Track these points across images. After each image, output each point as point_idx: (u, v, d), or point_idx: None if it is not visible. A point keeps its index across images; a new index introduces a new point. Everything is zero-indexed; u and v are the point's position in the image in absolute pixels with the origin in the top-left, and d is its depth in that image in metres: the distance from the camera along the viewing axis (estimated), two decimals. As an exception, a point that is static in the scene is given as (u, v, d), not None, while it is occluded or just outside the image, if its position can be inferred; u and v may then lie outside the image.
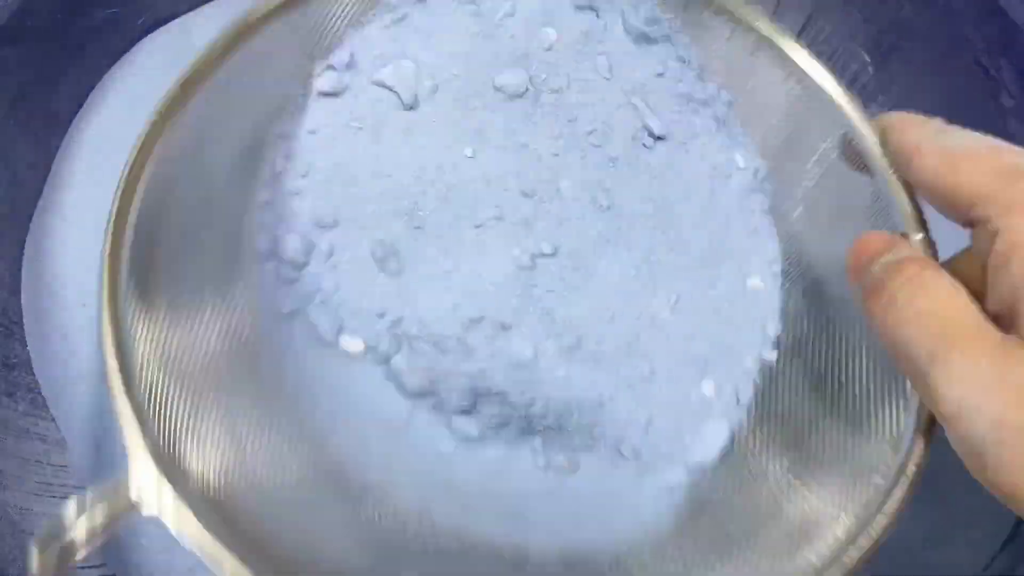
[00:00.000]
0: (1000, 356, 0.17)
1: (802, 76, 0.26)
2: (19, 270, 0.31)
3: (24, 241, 0.31)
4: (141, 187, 0.22)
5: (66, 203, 0.32)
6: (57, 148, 0.33)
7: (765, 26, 0.26)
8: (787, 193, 0.28)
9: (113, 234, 0.21)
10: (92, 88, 0.35)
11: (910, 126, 0.22)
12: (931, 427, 0.21)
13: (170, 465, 0.19)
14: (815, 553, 0.21)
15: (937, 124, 0.21)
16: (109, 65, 0.35)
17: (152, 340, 0.21)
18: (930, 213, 0.23)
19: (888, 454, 0.21)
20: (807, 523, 0.22)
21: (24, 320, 0.30)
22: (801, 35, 0.39)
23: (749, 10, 0.26)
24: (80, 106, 0.34)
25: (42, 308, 0.30)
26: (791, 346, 0.27)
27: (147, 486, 0.18)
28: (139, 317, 0.21)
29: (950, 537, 0.30)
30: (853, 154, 0.25)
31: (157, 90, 0.34)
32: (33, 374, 0.29)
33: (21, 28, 0.31)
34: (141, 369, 0.20)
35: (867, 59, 0.38)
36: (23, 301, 0.31)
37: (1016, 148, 0.20)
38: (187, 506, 0.18)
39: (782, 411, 0.26)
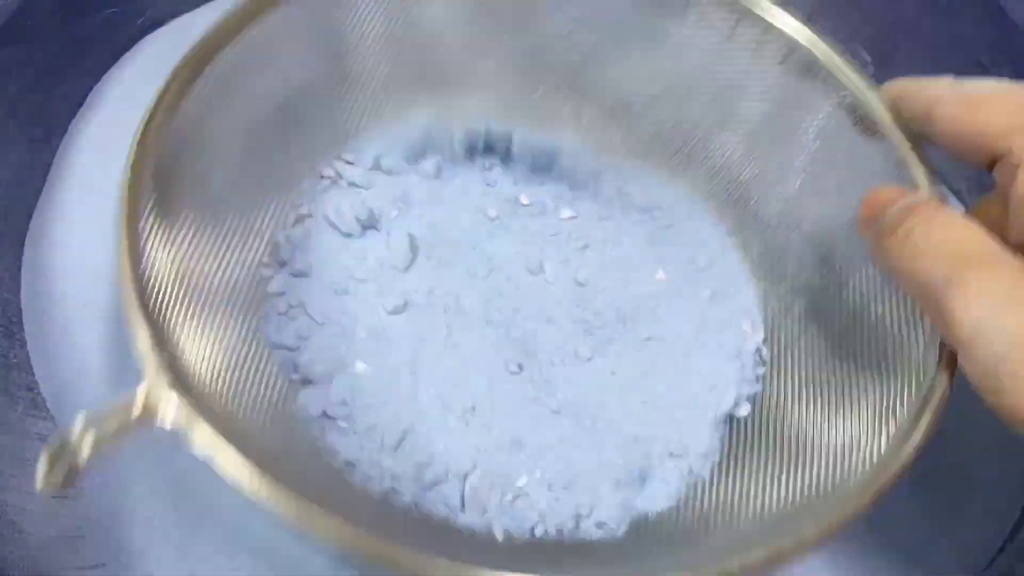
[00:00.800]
0: (1019, 276, 0.17)
1: (799, 45, 0.26)
2: (19, 270, 0.31)
3: (24, 241, 0.31)
4: (169, 117, 0.23)
5: (66, 203, 0.32)
6: (57, 148, 0.33)
7: (765, 2, 0.27)
8: (789, 164, 0.29)
9: (138, 148, 0.22)
10: (92, 88, 0.35)
11: (924, 85, 0.23)
12: (952, 361, 0.21)
13: (181, 377, 0.19)
14: (847, 474, 0.22)
15: (949, 78, 0.22)
16: (109, 65, 0.35)
17: (168, 257, 0.22)
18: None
19: (912, 391, 0.22)
20: (838, 455, 0.23)
21: (24, 320, 0.30)
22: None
23: None
24: (80, 106, 0.34)
25: (42, 308, 0.30)
26: (806, 314, 0.28)
27: (161, 396, 0.18)
28: (157, 234, 0.21)
29: (950, 537, 0.30)
30: (859, 120, 0.25)
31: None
32: (33, 374, 0.29)
33: (21, 28, 0.31)
34: (155, 283, 0.21)
35: (867, 59, 0.38)
36: (23, 301, 0.31)
37: None
38: (199, 414, 0.18)
39: (804, 372, 0.27)
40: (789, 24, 0.27)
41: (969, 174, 0.35)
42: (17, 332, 0.30)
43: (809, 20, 0.39)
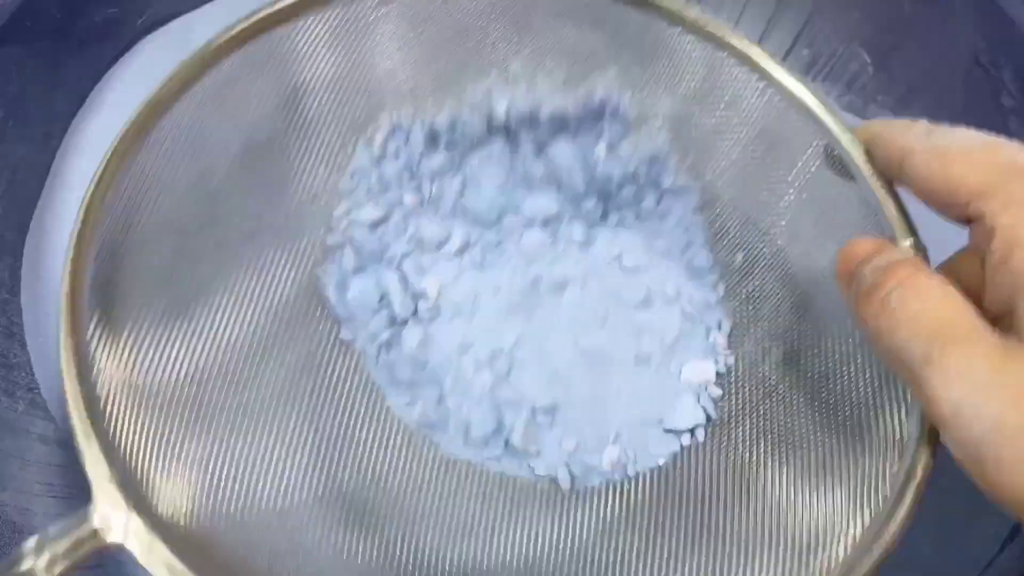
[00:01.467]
0: (997, 356, 0.17)
1: (779, 88, 0.25)
2: (19, 270, 0.31)
3: (24, 241, 0.31)
4: (108, 206, 0.22)
5: (66, 203, 0.32)
6: (57, 148, 0.33)
7: (739, 41, 0.26)
8: (768, 209, 0.28)
9: (74, 258, 0.20)
10: (92, 88, 0.35)
11: (898, 131, 0.22)
12: (935, 433, 0.20)
13: (136, 493, 0.18)
14: (826, 562, 0.21)
15: (924, 125, 0.21)
16: (109, 65, 0.35)
17: (118, 367, 0.20)
18: (919, 218, 0.23)
19: (894, 463, 0.21)
20: (814, 535, 0.22)
21: (24, 320, 0.30)
22: (801, 35, 0.39)
23: (721, 26, 0.26)
24: (80, 106, 0.34)
25: (42, 308, 0.30)
26: (784, 361, 0.27)
27: (112, 515, 0.18)
28: (104, 343, 0.20)
29: (950, 537, 0.30)
30: (836, 163, 0.24)
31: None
32: (33, 374, 0.29)
33: (21, 28, 0.31)
34: (106, 396, 0.19)
35: (867, 59, 0.38)
36: (23, 301, 0.31)
37: (1010, 143, 0.19)
38: (155, 533, 0.17)
39: (778, 427, 0.26)
40: (769, 65, 0.26)
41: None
42: (17, 332, 0.30)
43: (809, 20, 0.39)
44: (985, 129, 0.21)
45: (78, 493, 0.28)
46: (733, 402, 0.28)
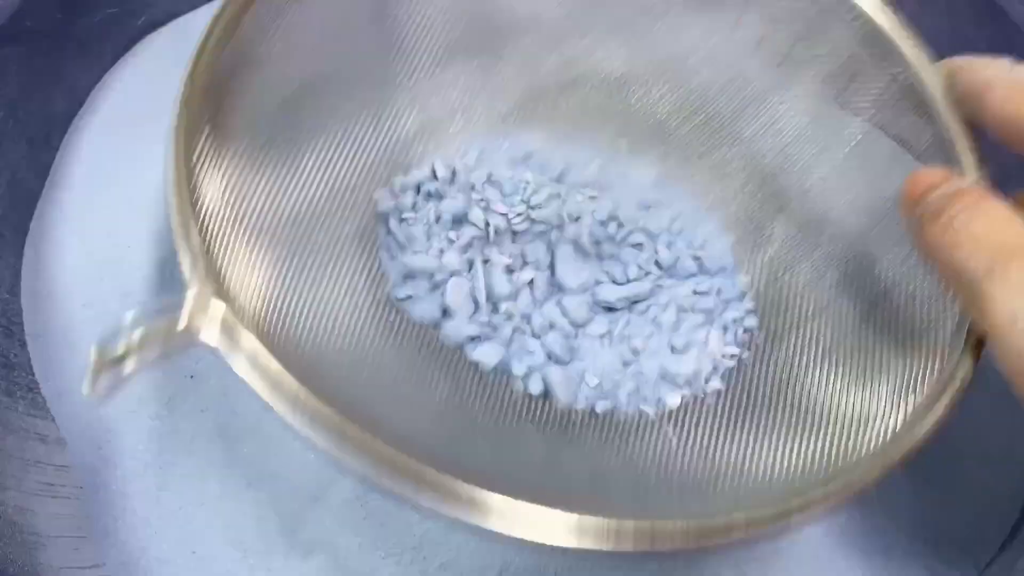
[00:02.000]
0: None
1: (864, 17, 0.26)
2: (19, 270, 0.31)
3: (24, 241, 0.31)
4: (228, 40, 0.23)
5: (66, 203, 0.32)
6: (57, 148, 0.33)
7: None
8: (838, 137, 0.29)
9: (192, 71, 0.22)
10: (92, 88, 0.35)
11: (980, 66, 0.22)
12: (978, 347, 0.21)
13: (223, 292, 0.19)
14: (861, 445, 0.22)
15: (1007, 61, 0.22)
16: (109, 65, 0.35)
17: (221, 179, 0.22)
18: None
19: (935, 369, 0.22)
20: (856, 423, 0.23)
21: (24, 320, 0.30)
22: (801, 35, 0.39)
23: None
24: (80, 106, 0.34)
25: (42, 308, 0.30)
26: (843, 280, 0.28)
27: (204, 304, 0.18)
28: (207, 162, 0.21)
29: (950, 537, 0.30)
30: (914, 96, 0.25)
31: (157, 90, 0.35)
32: (33, 374, 0.29)
33: (21, 28, 0.31)
34: (203, 205, 0.21)
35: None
36: (23, 301, 0.31)
37: None
38: (242, 325, 0.18)
39: (827, 340, 0.27)
40: None
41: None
42: (17, 332, 0.30)
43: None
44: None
45: (78, 493, 0.28)
46: (784, 319, 0.29)
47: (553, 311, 0.29)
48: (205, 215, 0.21)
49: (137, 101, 0.35)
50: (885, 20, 0.25)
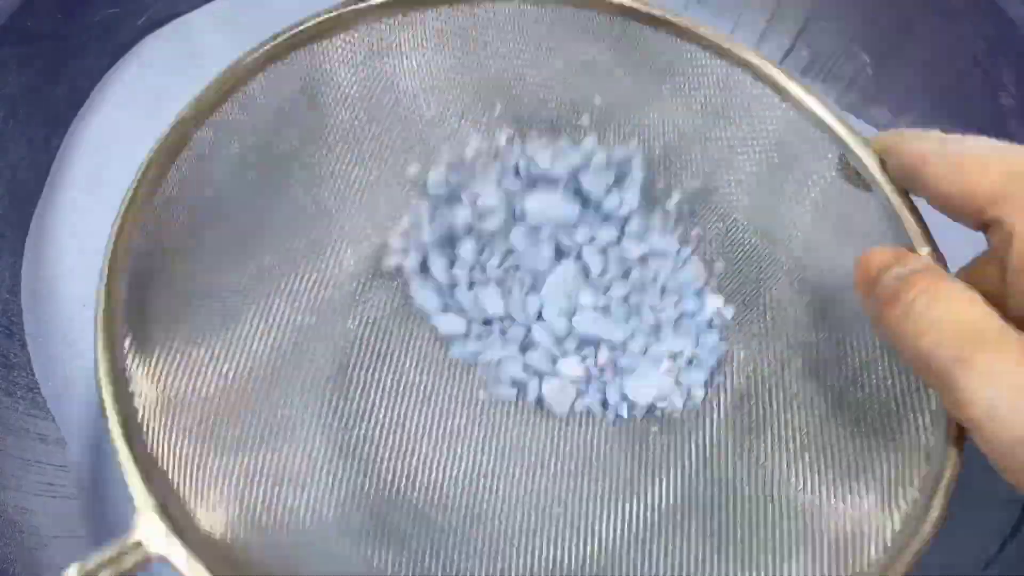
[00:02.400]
0: None
1: (793, 101, 0.26)
2: (19, 270, 0.31)
3: (24, 241, 0.31)
4: (140, 224, 0.21)
5: (66, 203, 0.32)
6: (57, 148, 0.33)
7: (749, 55, 0.26)
8: (785, 219, 0.29)
9: (109, 275, 0.20)
10: (92, 88, 0.35)
11: (911, 140, 0.22)
12: (962, 435, 0.20)
13: (175, 513, 0.18)
14: (861, 563, 0.21)
15: (937, 134, 0.21)
16: (109, 65, 0.35)
17: (155, 385, 0.21)
18: (935, 225, 0.23)
19: (922, 466, 0.21)
20: (846, 538, 0.22)
21: (24, 320, 0.30)
22: (801, 36, 0.39)
23: (733, 41, 0.27)
24: (80, 106, 0.34)
25: (42, 308, 0.30)
26: (805, 371, 0.27)
27: (155, 541, 0.18)
28: (139, 362, 0.20)
29: (949, 537, 0.30)
30: (852, 175, 0.25)
31: (157, 90, 0.35)
32: (33, 374, 0.29)
33: (21, 28, 0.31)
34: (143, 418, 0.20)
35: (867, 59, 0.38)
36: (23, 301, 0.31)
37: (1022, 149, 0.20)
38: (197, 558, 0.18)
39: (801, 435, 0.26)
40: (780, 79, 0.26)
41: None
42: (17, 332, 0.30)
43: (809, 20, 0.39)
44: (984, 129, 0.21)
45: (78, 493, 0.28)
46: (755, 412, 0.28)
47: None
48: (145, 413, 0.20)
49: (137, 101, 0.35)
50: (815, 104, 0.25)
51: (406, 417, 0.27)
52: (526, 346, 0.29)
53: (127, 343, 0.20)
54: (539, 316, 0.29)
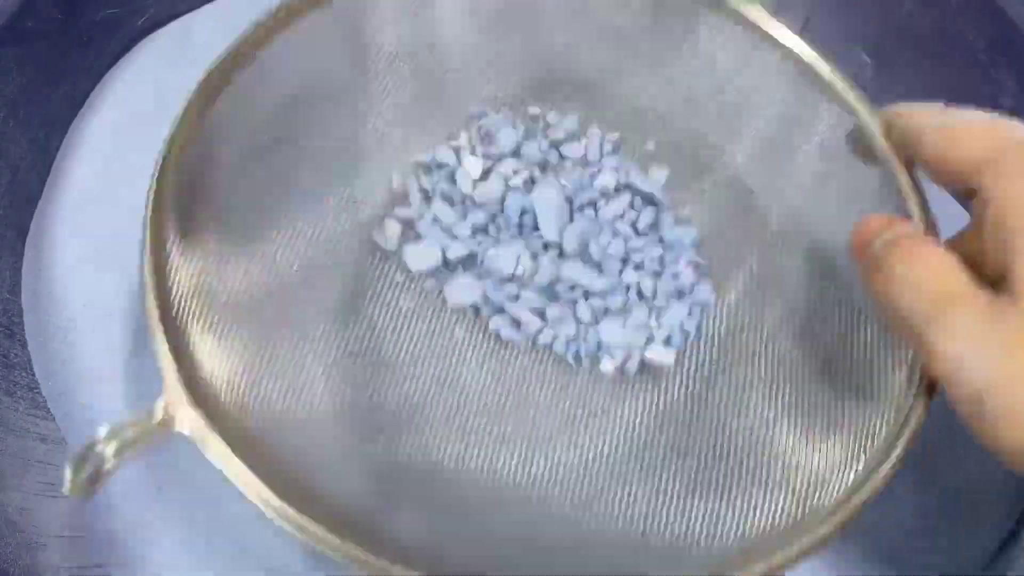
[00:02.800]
0: (991, 312, 0.18)
1: (807, 70, 0.27)
2: (19, 270, 0.31)
3: (24, 241, 0.31)
4: (195, 132, 0.23)
5: (66, 203, 0.32)
6: (57, 148, 0.33)
7: (766, 22, 0.28)
8: (795, 184, 0.29)
9: (160, 176, 0.22)
10: (92, 88, 0.35)
11: (914, 112, 0.23)
12: (932, 387, 0.22)
13: (197, 391, 0.20)
14: (825, 499, 0.22)
15: (938, 106, 0.23)
16: (109, 65, 0.35)
17: (191, 271, 0.22)
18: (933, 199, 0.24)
19: (890, 414, 0.23)
20: (815, 479, 0.23)
21: (24, 320, 0.30)
22: (801, 35, 0.39)
23: (751, 7, 0.28)
24: (80, 106, 0.34)
25: (42, 308, 0.30)
26: (802, 326, 0.28)
27: (180, 412, 0.19)
28: (179, 248, 0.22)
29: (949, 536, 0.30)
30: (859, 144, 0.26)
31: (157, 90, 0.35)
32: (33, 374, 0.29)
33: (21, 28, 0.31)
34: (177, 298, 0.21)
35: (867, 59, 0.38)
36: (23, 301, 0.31)
37: (1012, 121, 0.21)
38: (214, 430, 0.19)
39: (790, 375, 0.27)
40: (798, 45, 0.27)
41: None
42: (18, 332, 0.30)
43: (809, 20, 0.39)
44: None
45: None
46: (745, 369, 0.29)
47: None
48: (179, 301, 0.22)
49: (137, 101, 0.35)
50: (827, 71, 0.27)
51: (403, 340, 0.29)
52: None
53: (170, 241, 0.22)
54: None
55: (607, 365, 0.29)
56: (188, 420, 0.19)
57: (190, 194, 0.23)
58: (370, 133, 0.31)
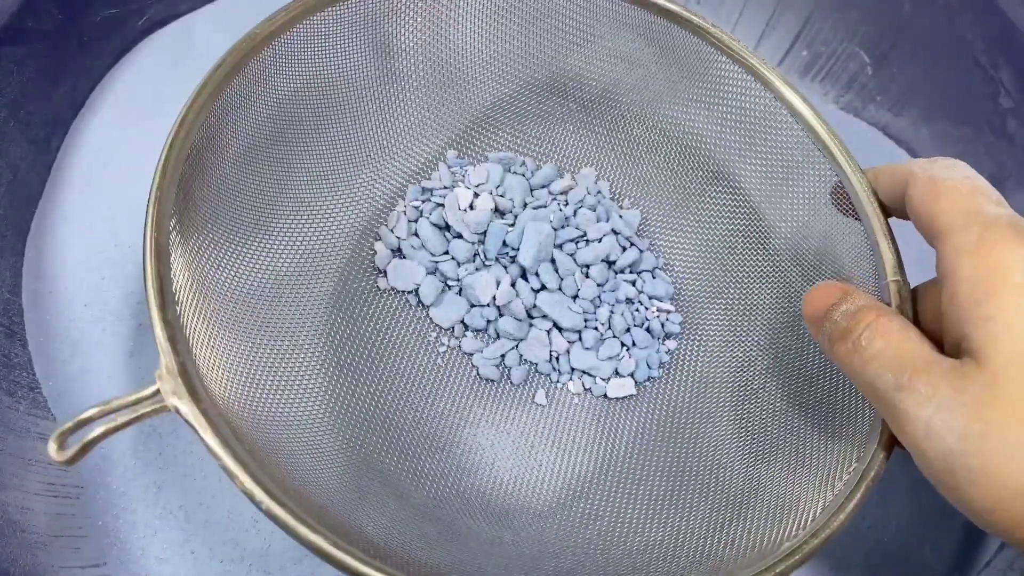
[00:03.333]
0: (955, 378, 0.19)
1: (798, 119, 0.27)
2: (20, 270, 0.31)
3: (24, 241, 0.32)
4: (195, 134, 0.24)
5: (66, 203, 0.32)
6: (57, 148, 0.33)
7: (766, 72, 0.28)
8: (778, 227, 0.30)
9: (164, 162, 0.23)
10: (92, 88, 0.35)
11: (900, 165, 0.24)
12: (890, 444, 0.22)
13: (193, 377, 0.20)
14: (791, 530, 0.23)
15: (924, 160, 0.23)
16: (109, 65, 0.35)
17: (189, 267, 0.23)
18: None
19: (853, 462, 0.23)
20: (781, 510, 0.24)
21: (25, 320, 0.30)
22: (800, 35, 0.39)
23: (755, 57, 0.28)
24: (80, 106, 0.34)
25: (43, 308, 0.30)
26: (767, 370, 0.29)
27: (171, 393, 0.20)
28: (179, 245, 0.23)
29: (949, 538, 0.30)
30: (843, 200, 0.26)
31: (157, 90, 0.35)
32: (34, 374, 0.29)
33: (21, 28, 0.31)
34: (177, 291, 0.22)
35: (867, 59, 0.38)
36: (24, 301, 0.31)
37: (991, 192, 0.21)
38: (203, 414, 0.20)
39: (755, 425, 0.28)
40: (795, 101, 0.27)
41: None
42: (18, 332, 0.30)
43: (809, 20, 0.39)
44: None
45: (78, 493, 0.28)
46: (715, 403, 0.29)
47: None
48: (178, 294, 0.22)
49: (137, 101, 0.35)
50: (820, 127, 0.27)
51: (389, 337, 0.30)
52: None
53: (172, 224, 0.22)
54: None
55: (574, 390, 0.31)
56: (182, 406, 0.20)
57: (190, 194, 0.24)
58: (367, 138, 0.31)
